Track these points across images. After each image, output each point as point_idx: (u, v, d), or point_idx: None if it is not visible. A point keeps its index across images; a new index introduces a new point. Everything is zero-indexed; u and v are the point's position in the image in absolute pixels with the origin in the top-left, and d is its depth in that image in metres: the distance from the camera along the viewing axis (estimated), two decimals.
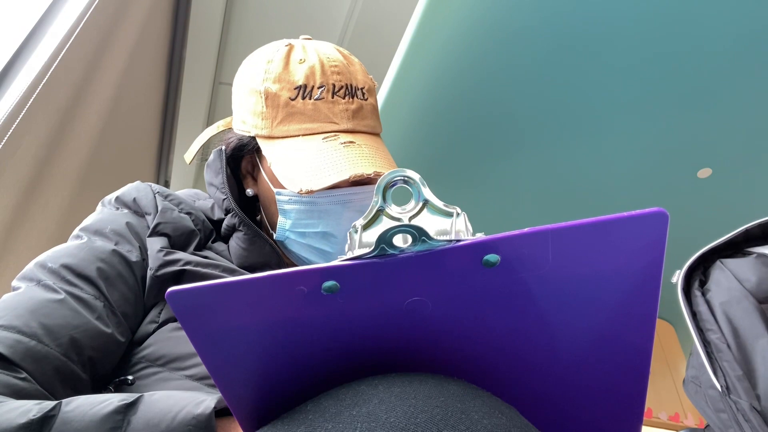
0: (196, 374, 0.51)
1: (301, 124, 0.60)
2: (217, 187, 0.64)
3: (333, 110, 0.60)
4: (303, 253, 0.64)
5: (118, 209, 0.61)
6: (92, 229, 0.57)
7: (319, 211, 0.60)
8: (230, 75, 1.97)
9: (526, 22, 0.95)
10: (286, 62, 0.62)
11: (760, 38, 0.92)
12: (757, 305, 0.64)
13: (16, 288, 0.51)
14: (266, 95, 0.60)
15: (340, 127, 0.60)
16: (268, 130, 0.61)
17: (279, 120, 0.60)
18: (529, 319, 0.31)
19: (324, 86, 0.60)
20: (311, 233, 0.61)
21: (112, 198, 0.62)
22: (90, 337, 0.49)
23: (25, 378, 0.44)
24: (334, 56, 0.63)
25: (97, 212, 0.61)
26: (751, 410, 0.59)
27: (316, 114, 0.60)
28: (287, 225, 0.62)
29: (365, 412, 0.28)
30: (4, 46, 0.85)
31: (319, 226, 0.60)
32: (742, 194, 1.23)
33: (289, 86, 0.60)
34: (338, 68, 0.62)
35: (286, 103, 0.60)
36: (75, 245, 0.55)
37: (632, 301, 0.30)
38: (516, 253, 0.28)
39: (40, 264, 0.53)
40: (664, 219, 0.27)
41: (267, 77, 0.61)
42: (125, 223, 0.58)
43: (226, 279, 0.28)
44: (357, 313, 0.30)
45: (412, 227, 0.27)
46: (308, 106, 0.60)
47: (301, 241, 0.62)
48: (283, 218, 0.62)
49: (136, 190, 0.62)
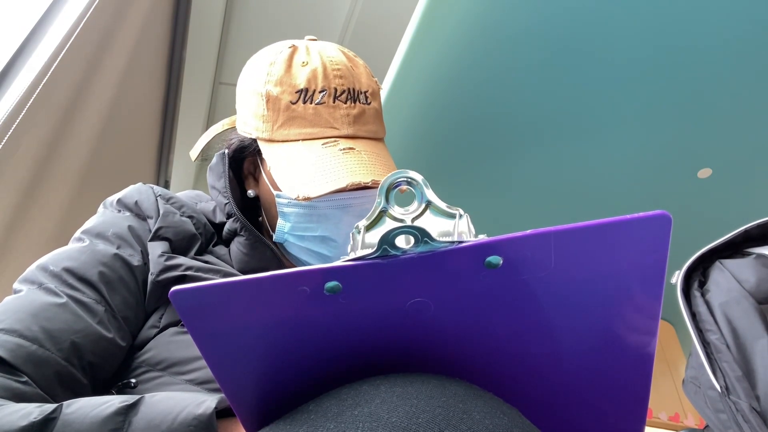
0: (197, 378, 0.50)
1: (302, 128, 0.60)
2: (220, 191, 0.64)
3: (334, 115, 0.60)
4: (302, 256, 0.64)
5: (120, 212, 0.60)
6: (94, 232, 0.57)
7: (318, 215, 0.60)
8: (230, 75, 1.97)
9: (527, 22, 0.95)
10: (289, 65, 0.61)
11: (760, 38, 0.92)
12: (756, 306, 0.65)
13: (18, 291, 0.51)
14: (267, 98, 0.60)
15: (341, 132, 0.60)
16: (269, 134, 0.61)
17: (279, 124, 0.60)
18: (531, 321, 0.31)
19: (326, 90, 0.59)
20: (310, 237, 0.61)
21: (114, 200, 0.61)
22: (91, 341, 0.49)
23: (26, 382, 0.44)
24: (338, 59, 0.62)
25: (99, 214, 0.61)
26: (751, 411, 0.59)
27: (316, 119, 0.59)
28: (286, 228, 0.62)
29: (367, 412, 0.28)
30: (4, 46, 0.85)
31: (318, 230, 0.60)
32: (742, 194, 1.23)
33: (290, 89, 0.60)
34: (341, 72, 0.61)
35: (286, 107, 0.60)
36: (77, 248, 0.55)
37: (635, 304, 0.30)
38: (518, 255, 0.28)
39: (41, 267, 0.52)
40: (667, 222, 0.27)
41: (269, 79, 0.60)
42: (127, 227, 0.58)
43: (228, 279, 0.28)
44: (359, 314, 0.30)
45: (415, 228, 0.27)
46: (309, 110, 0.59)
47: (299, 244, 0.62)
48: (282, 221, 0.62)
49: (138, 193, 0.62)
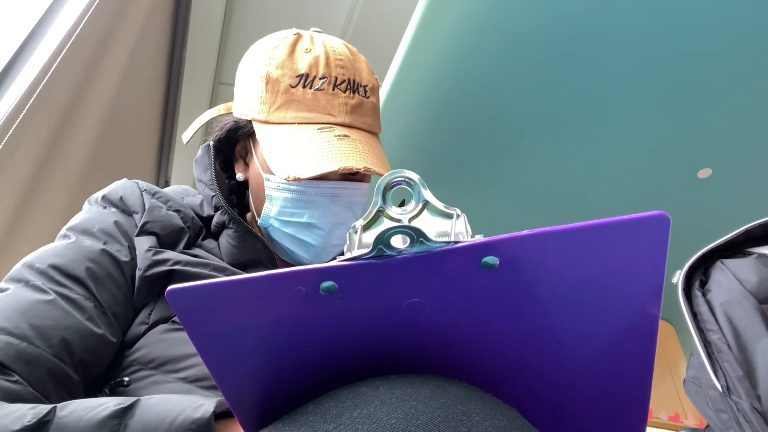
0: (189, 376, 0.50)
1: (298, 112, 0.60)
2: (206, 184, 0.64)
3: (332, 102, 0.60)
4: (285, 243, 0.63)
5: (106, 208, 0.60)
6: (80, 228, 0.56)
7: (306, 201, 0.59)
8: (230, 75, 1.97)
9: (527, 21, 0.95)
10: (292, 50, 0.61)
11: (760, 38, 0.92)
12: (757, 306, 0.64)
13: (4, 289, 0.50)
14: (267, 79, 0.60)
15: (337, 120, 0.60)
16: (265, 115, 0.60)
17: (277, 105, 0.60)
18: (529, 322, 0.31)
19: (326, 78, 0.60)
20: (295, 223, 0.61)
21: (99, 196, 0.61)
22: (81, 338, 0.49)
23: (17, 381, 0.43)
24: (341, 50, 0.63)
25: (84, 211, 0.60)
26: (752, 411, 0.59)
27: (314, 104, 0.60)
28: (272, 212, 0.61)
29: (366, 413, 0.28)
30: (4, 46, 0.85)
31: (304, 216, 0.60)
32: (742, 194, 1.23)
33: (291, 73, 0.60)
34: (343, 62, 0.62)
35: (285, 90, 0.60)
36: (63, 245, 0.54)
37: (634, 305, 0.30)
38: (515, 256, 0.28)
39: (27, 264, 0.52)
40: (666, 222, 0.26)
41: (270, 62, 0.61)
42: (113, 222, 0.57)
43: (224, 278, 0.28)
44: (356, 314, 0.30)
45: (410, 228, 0.27)
46: (308, 95, 0.60)
47: (284, 230, 0.62)
48: (269, 204, 0.62)
49: (123, 188, 0.61)
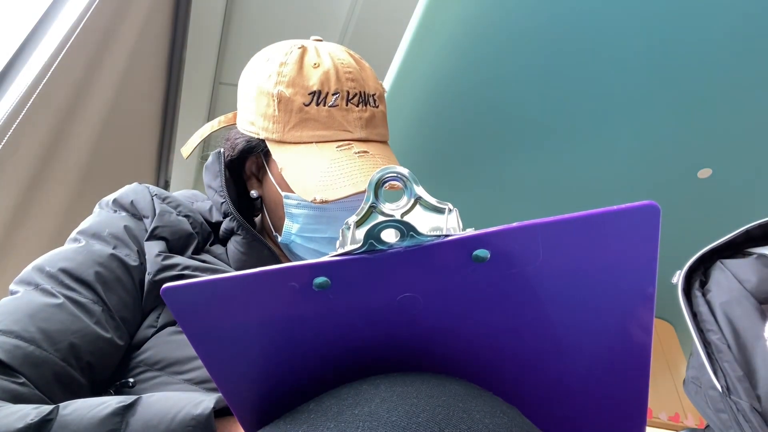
0: (195, 378, 0.50)
1: (315, 131, 0.59)
2: (216, 190, 0.64)
3: (347, 118, 0.60)
4: (308, 257, 0.63)
5: (116, 212, 0.60)
6: (90, 232, 0.56)
7: (328, 217, 0.59)
8: (230, 75, 1.97)
9: (527, 20, 0.95)
10: (300, 66, 0.60)
11: (760, 38, 0.92)
12: (757, 306, 0.64)
13: (14, 292, 0.50)
14: (279, 99, 0.59)
15: (354, 135, 0.60)
16: (280, 135, 0.60)
17: (292, 125, 0.59)
18: (523, 315, 0.31)
19: (338, 93, 0.59)
20: (318, 238, 0.61)
21: (110, 200, 0.61)
22: (89, 342, 0.49)
23: (24, 383, 0.44)
24: (348, 61, 0.62)
25: (94, 215, 0.60)
26: (752, 411, 0.59)
27: (330, 121, 0.59)
28: (294, 229, 0.61)
29: (367, 411, 0.28)
30: (4, 46, 0.85)
31: (327, 231, 0.60)
32: (742, 194, 1.23)
33: (303, 91, 0.59)
34: (352, 74, 0.61)
35: (299, 109, 0.59)
36: (73, 249, 0.54)
37: (628, 296, 0.30)
38: (506, 248, 0.28)
39: (37, 268, 0.52)
40: (656, 212, 0.26)
41: (280, 80, 0.60)
42: (123, 227, 0.57)
43: (218, 275, 0.28)
44: (350, 310, 0.30)
45: (400, 222, 0.27)
46: (322, 112, 0.59)
47: (307, 245, 0.62)
48: (290, 222, 0.61)
49: (134, 193, 0.61)
